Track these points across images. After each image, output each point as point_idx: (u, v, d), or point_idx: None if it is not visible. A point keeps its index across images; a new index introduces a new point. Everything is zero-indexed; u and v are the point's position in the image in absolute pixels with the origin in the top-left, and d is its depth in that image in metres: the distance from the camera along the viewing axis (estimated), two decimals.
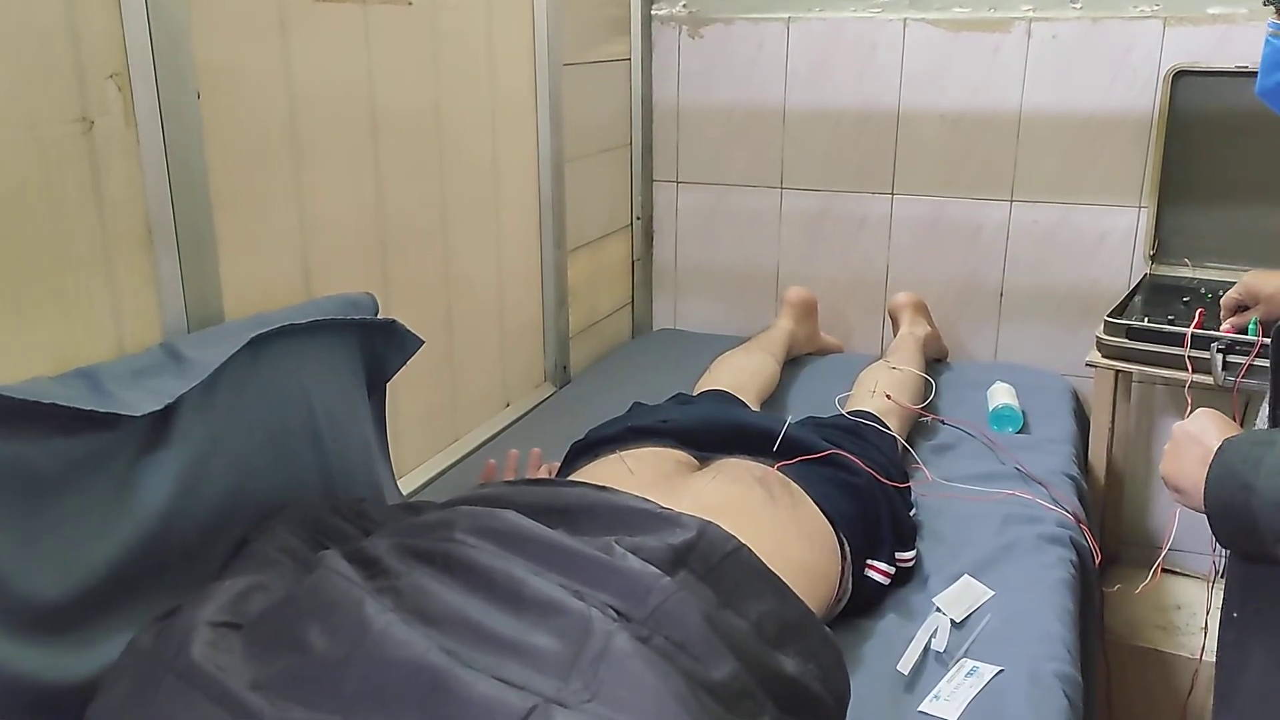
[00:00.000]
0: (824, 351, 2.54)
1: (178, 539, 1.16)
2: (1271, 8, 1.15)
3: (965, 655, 1.37)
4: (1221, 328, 1.80)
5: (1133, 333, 1.92)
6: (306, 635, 0.94)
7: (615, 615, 0.96)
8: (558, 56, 2.18)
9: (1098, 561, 1.72)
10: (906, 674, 1.33)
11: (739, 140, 2.59)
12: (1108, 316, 1.96)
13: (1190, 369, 1.80)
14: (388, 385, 1.58)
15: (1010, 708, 1.27)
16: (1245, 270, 2.14)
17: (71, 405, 1.06)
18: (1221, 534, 1.05)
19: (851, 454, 1.61)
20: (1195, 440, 1.09)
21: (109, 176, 1.21)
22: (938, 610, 1.46)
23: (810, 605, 1.19)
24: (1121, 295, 2.12)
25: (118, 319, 1.24)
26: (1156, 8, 2.20)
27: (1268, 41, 1.16)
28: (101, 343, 1.22)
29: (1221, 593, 1.19)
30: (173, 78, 1.25)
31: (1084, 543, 1.69)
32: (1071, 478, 1.89)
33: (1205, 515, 1.05)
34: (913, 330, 2.36)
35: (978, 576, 1.55)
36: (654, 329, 2.79)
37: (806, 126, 2.52)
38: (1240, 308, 1.78)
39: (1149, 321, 1.93)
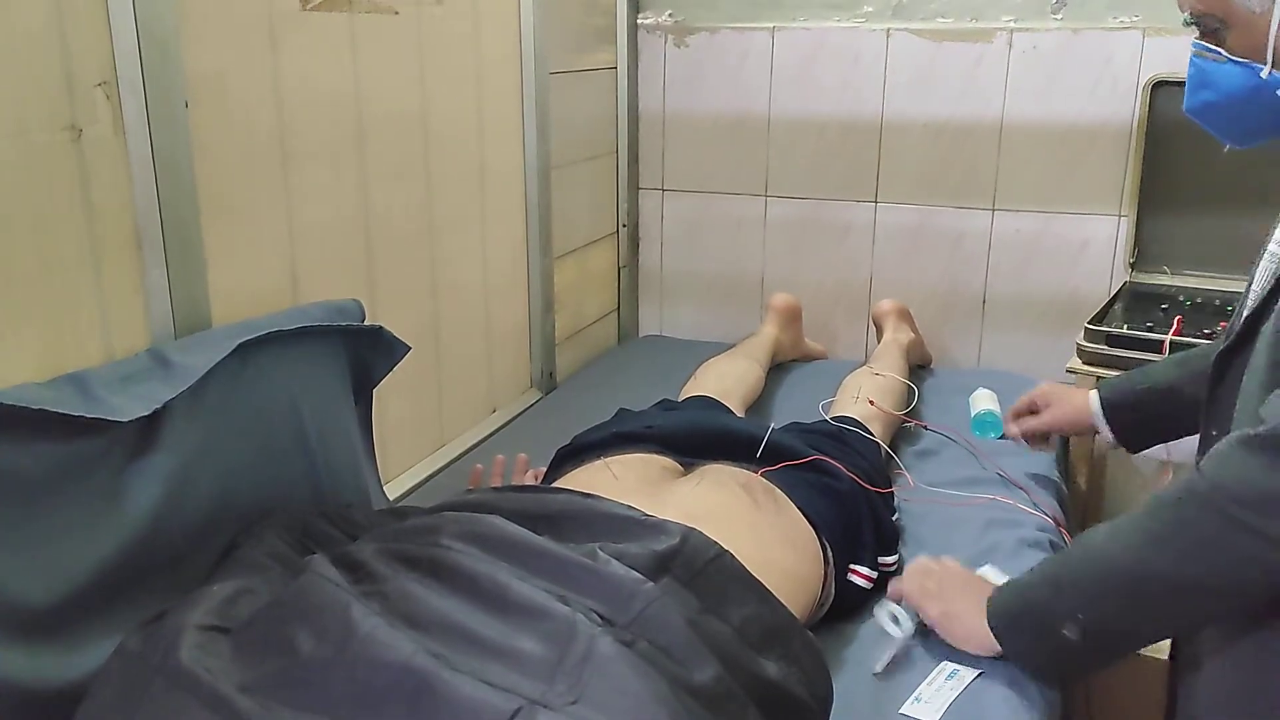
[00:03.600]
0: (808, 358, 2.55)
1: (166, 544, 1.17)
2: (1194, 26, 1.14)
3: (946, 659, 1.39)
4: (1009, 431, 1.79)
5: (1113, 340, 1.94)
6: (294, 638, 0.95)
7: (599, 620, 0.97)
8: (544, 65, 2.19)
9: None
10: (880, 671, 1.34)
11: (724, 148, 2.61)
12: (1088, 324, 1.99)
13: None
14: (375, 391, 1.60)
15: (990, 710, 1.28)
16: (1222, 278, 2.18)
17: (60, 411, 1.07)
18: (1015, 646, 1.22)
19: (834, 459, 1.63)
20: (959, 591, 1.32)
21: (97, 184, 1.21)
22: (884, 601, 1.44)
23: (793, 610, 1.21)
24: (1102, 303, 2.15)
25: (106, 325, 1.24)
26: (1136, 18, 2.23)
27: (1191, 62, 1.16)
28: (90, 349, 1.22)
29: None
30: (161, 87, 1.26)
31: (1064, 547, 1.71)
32: (1052, 482, 1.91)
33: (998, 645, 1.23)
34: (896, 337, 2.38)
35: None
36: (640, 335, 2.81)
37: (791, 135, 2.54)
38: (1031, 410, 1.75)
39: (1129, 329, 1.95)
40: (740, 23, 2.53)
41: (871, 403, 2.00)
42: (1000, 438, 2.06)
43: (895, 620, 1.39)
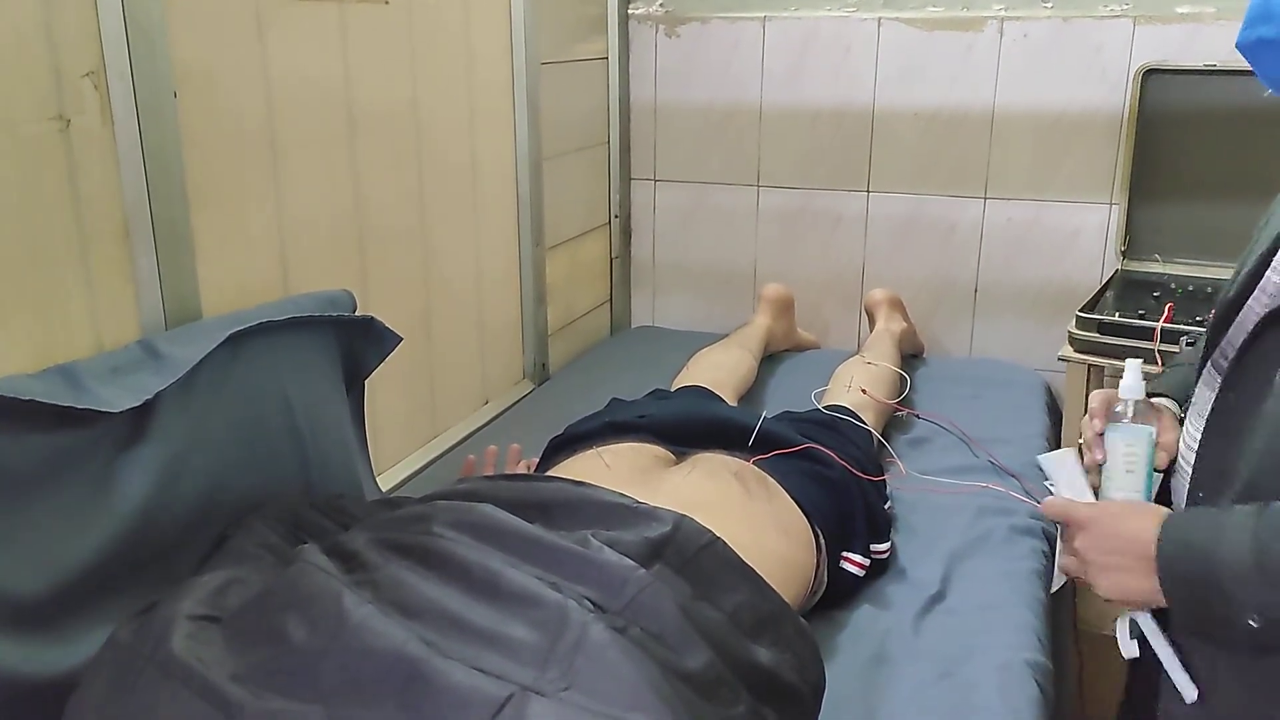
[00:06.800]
0: (801, 347, 2.56)
1: (156, 535, 1.17)
2: None
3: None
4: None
5: (1104, 327, 1.94)
6: (286, 627, 0.95)
7: (591, 606, 0.97)
8: (535, 55, 2.18)
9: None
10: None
11: (716, 138, 2.60)
12: (1079, 311, 1.99)
13: (1160, 363, 1.83)
14: (366, 382, 1.59)
15: (981, 695, 1.29)
16: (1214, 265, 2.18)
17: (50, 402, 1.06)
18: (1184, 615, 0.99)
19: (827, 448, 1.63)
20: (1124, 511, 1.05)
21: (86, 175, 1.21)
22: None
23: (786, 597, 1.21)
24: (1093, 291, 2.15)
25: (95, 316, 1.24)
26: (1126, 7, 2.23)
27: None
28: (79, 340, 1.22)
29: None
30: (149, 76, 1.26)
31: (1055, 534, 1.71)
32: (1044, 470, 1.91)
33: (1163, 598, 0.99)
34: (888, 326, 2.38)
35: (952, 567, 1.57)
36: (632, 326, 2.80)
37: (783, 124, 2.54)
38: None
39: (1120, 316, 1.95)
40: (731, 12, 2.53)
41: (864, 391, 2.01)
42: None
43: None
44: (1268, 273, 1.06)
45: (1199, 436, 1.09)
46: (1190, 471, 1.10)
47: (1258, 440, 0.99)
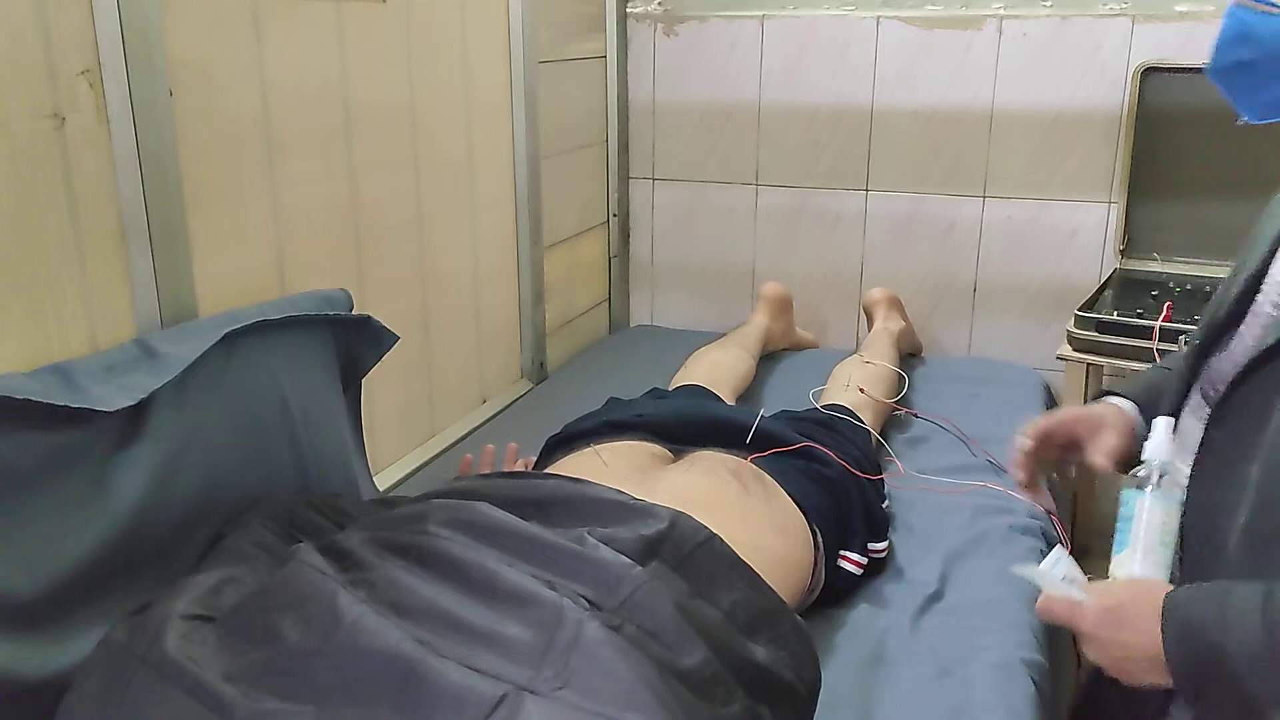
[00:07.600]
0: (799, 346, 2.55)
1: (152, 534, 1.17)
2: None
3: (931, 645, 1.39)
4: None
5: (1103, 326, 1.94)
6: (280, 627, 0.94)
7: (587, 605, 0.97)
8: (533, 54, 2.18)
9: (1068, 552, 1.74)
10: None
11: (714, 137, 2.60)
12: (1078, 311, 1.99)
13: (1159, 362, 1.82)
14: (364, 381, 1.59)
15: (979, 694, 1.28)
16: (1212, 264, 2.18)
17: (45, 401, 1.06)
18: (1208, 712, 0.93)
19: (825, 446, 1.63)
20: (1123, 610, 0.97)
21: (81, 173, 1.21)
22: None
23: (783, 595, 1.21)
24: (1092, 290, 2.15)
25: (90, 315, 1.24)
26: (1125, 5, 2.22)
27: (1232, 15, 1.00)
28: (74, 339, 1.22)
29: None
30: (145, 75, 1.26)
31: (1054, 533, 1.72)
32: None
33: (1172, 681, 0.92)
34: (887, 325, 2.38)
35: (950, 566, 1.57)
36: (630, 325, 2.80)
37: (781, 123, 2.54)
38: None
39: (1119, 315, 1.95)
40: (729, 11, 2.52)
41: (862, 390, 2.00)
42: None
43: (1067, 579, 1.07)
44: (1259, 298, 1.01)
45: (1188, 471, 1.02)
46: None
47: (1256, 474, 0.93)
